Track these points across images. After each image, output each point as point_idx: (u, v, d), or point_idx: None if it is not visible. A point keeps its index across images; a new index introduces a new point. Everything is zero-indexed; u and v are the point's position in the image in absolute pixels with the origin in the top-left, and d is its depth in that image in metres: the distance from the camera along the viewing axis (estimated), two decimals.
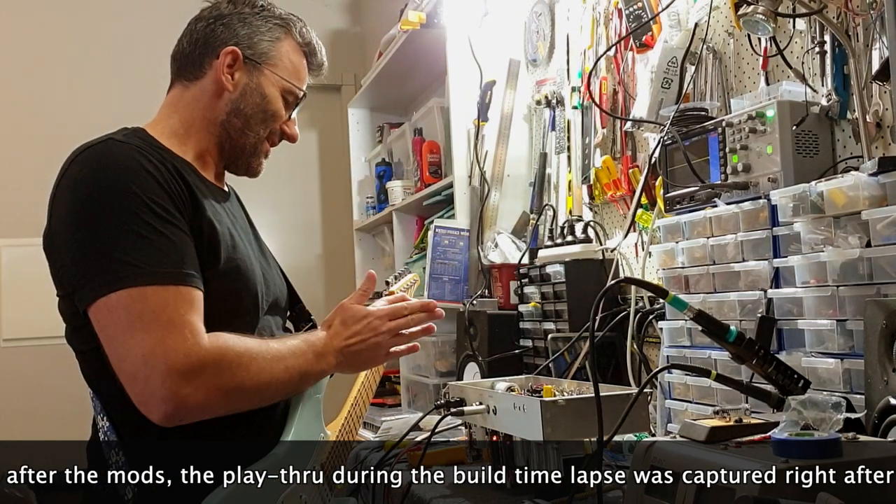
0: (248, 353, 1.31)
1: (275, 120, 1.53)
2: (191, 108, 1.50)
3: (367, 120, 4.43)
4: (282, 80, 1.52)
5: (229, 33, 1.50)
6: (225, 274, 1.37)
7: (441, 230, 3.04)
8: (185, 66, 1.52)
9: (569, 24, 2.75)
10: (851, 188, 1.42)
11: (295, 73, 1.54)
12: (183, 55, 1.53)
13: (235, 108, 1.50)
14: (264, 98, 1.51)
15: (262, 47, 1.51)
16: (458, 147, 3.07)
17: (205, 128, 1.50)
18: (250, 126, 1.51)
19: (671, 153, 1.96)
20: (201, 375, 1.24)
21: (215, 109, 1.50)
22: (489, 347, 2.55)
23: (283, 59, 1.53)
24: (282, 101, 1.53)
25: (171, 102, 1.53)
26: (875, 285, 1.40)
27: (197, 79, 1.50)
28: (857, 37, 1.63)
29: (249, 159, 1.54)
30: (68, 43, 4.56)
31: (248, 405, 1.34)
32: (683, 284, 1.85)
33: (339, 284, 4.74)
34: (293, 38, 1.55)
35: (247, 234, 1.53)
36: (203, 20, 1.53)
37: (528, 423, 1.55)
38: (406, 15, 3.27)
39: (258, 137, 1.53)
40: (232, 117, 1.50)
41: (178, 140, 1.48)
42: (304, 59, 1.57)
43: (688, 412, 1.80)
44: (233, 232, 1.44)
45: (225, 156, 1.53)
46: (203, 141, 1.50)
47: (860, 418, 1.29)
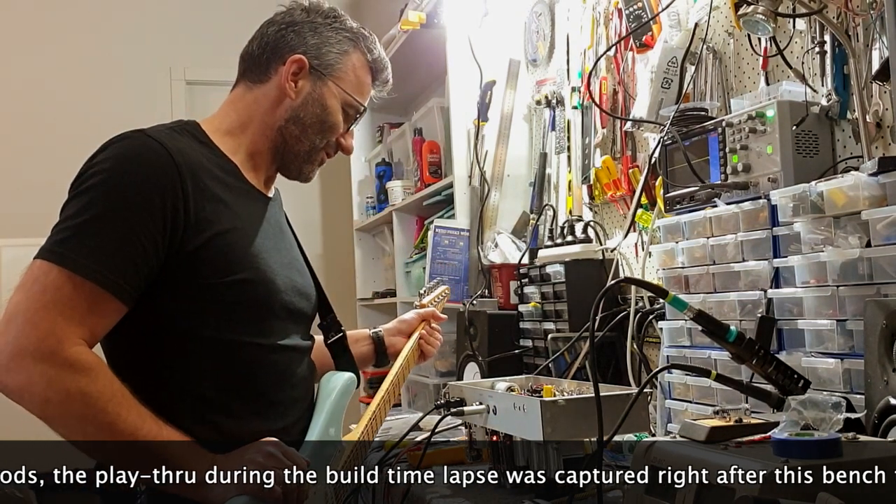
0: (106, 391, 1.24)
1: (332, 132, 1.53)
2: (250, 109, 1.51)
3: (367, 120, 4.42)
4: (344, 93, 1.52)
5: (299, 41, 1.50)
6: (232, 282, 1.36)
7: (441, 230, 3.04)
8: (251, 68, 1.53)
9: (569, 24, 2.75)
10: (851, 188, 1.42)
11: (358, 88, 1.55)
12: (251, 56, 1.53)
13: (295, 115, 1.50)
14: (325, 109, 1.51)
15: (329, 58, 1.51)
16: (458, 147, 3.07)
17: (261, 130, 1.50)
18: (307, 135, 1.51)
19: (671, 153, 1.96)
20: (38, 365, 1.20)
21: (274, 114, 1.50)
22: (489, 347, 2.55)
23: (349, 73, 1.53)
24: (342, 113, 1.53)
25: (232, 100, 1.53)
26: (875, 285, 1.40)
27: (262, 82, 1.51)
28: (857, 37, 1.63)
29: (302, 165, 1.54)
30: (69, 45, 4.56)
31: (67, 429, 1.24)
32: (683, 284, 1.85)
33: (339, 284, 4.73)
34: (362, 53, 1.55)
35: (279, 240, 1.51)
36: (275, 24, 1.53)
37: (528, 423, 1.55)
38: (406, 15, 3.27)
39: (314, 146, 1.53)
40: (290, 124, 1.50)
41: (232, 138, 1.49)
42: (369, 75, 1.57)
43: (688, 412, 1.80)
44: (255, 238, 1.42)
45: (278, 160, 1.53)
46: (258, 143, 1.50)
47: (860, 418, 1.29)
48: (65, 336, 1.23)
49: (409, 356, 1.77)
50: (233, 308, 1.37)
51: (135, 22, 4.55)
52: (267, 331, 1.42)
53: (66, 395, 1.21)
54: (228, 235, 1.37)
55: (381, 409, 1.59)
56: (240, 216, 1.40)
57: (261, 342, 1.41)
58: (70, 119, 4.31)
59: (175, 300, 1.34)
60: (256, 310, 1.40)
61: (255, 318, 1.40)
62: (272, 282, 1.42)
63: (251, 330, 1.39)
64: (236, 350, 1.38)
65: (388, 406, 1.64)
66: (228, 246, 1.36)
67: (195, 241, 1.33)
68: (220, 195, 1.38)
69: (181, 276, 1.33)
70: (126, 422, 1.24)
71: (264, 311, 1.41)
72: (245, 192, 1.46)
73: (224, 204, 1.38)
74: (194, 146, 1.42)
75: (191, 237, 1.33)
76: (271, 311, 1.42)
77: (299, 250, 1.62)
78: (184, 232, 1.32)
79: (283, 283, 1.45)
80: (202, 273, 1.34)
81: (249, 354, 1.39)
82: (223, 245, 1.36)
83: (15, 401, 1.22)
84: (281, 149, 1.52)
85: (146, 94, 4.38)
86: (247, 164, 1.49)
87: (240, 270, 1.37)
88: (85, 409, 1.22)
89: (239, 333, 1.37)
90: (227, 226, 1.37)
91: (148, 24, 4.43)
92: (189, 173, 1.34)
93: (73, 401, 1.22)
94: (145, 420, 1.25)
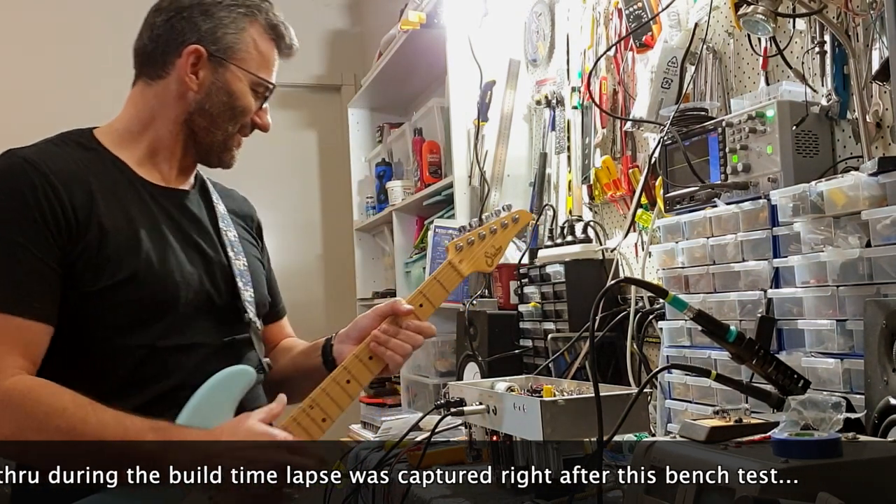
0: (51, 409, 1.23)
1: (244, 115, 1.47)
2: (151, 106, 1.46)
3: (367, 120, 4.43)
4: (249, 73, 1.46)
5: (191, 28, 1.43)
6: (117, 283, 1.33)
7: (441, 230, 3.04)
8: (146, 64, 1.47)
9: (569, 24, 2.74)
10: (851, 188, 1.42)
11: (264, 64, 1.48)
12: (144, 52, 1.47)
13: (200, 107, 1.44)
14: (231, 95, 1.45)
15: (226, 41, 1.44)
16: (458, 147, 3.07)
17: (165, 126, 1.46)
18: (217, 124, 1.46)
19: (671, 153, 1.96)
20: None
21: (178, 109, 1.45)
22: (489, 347, 2.55)
23: (251, 51, 1.46)
24: (251, 94, 1.47)
25: (132, 98, 1.49)
26: (875, 285, 1.40)
27: (160, 77, 1.45)
28: (857, 37, 1.62)
29: (220, 154, 1.49)
30: (69, 45, 4.55)
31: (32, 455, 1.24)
32: (683, 284, 1.85)
33: (339, 284, 4.74)
34: (259, 25, 1.47)
35: (185, 234, 1.45)
36: (163, 12, 1.46)
37: (528, 423, 1.55)
38: (406, 15, 3.27)
39: (227, 133, 1.47)
40: (196, 116, 1.45)
41: (129, 136, 1.45)
42: (272, 46, 1.49)
43: (688, 412, 1.80)
44: (146, 235, 1.38)
45: (193, 152, 1.49)
46: (162, 139, 1.46)
47: (860, 418, 1.29)
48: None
49: (352, 367, 1.46)
50: (124, 310, 1.34)
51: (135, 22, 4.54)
52: (168, 330, 1.37)
53: (17, 427, 1.23)
54: (110, 237, 1.34)
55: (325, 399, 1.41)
56: (125, 216, 1.37)
57: (157, 343, 1.36)
58: (69, 119, 4.29)
59: (69, 308, 1.32)
60: (147, 308, 1.35)
61: (152, 317, 1.36)
62: (162, 277, 1.37)
63: (150, 331, 1.35)
64: (137, 353, 1.35)
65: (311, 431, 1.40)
66: (110, 247, 1.33)
67: (78, 247, 1.32)
68: (97, 198, 1.35)
69: (70, 283, 1.32)
70: (87, 432, 1.23)
71: (155, 309, 1.36)
72: (133, 191, 1.41)
73: (105, 206, 1.35)
74: (75, 153, 1.39)
75: (76, 242, 1.31)
76: (164, 307, 1.37)
77: (241, 243, 1.54)
78: (67, 236, 1.31)
79: (180, 277, 1.39)
80: (87, 278, 1.32)
81: (148, 356, 1.36)
82: (105, 247, 1.33)
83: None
84: (192, 141, 1.47)
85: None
86: (146, 162, 1.45)
87: (124, 270, 1.33)
88: (39, 433, 1.22)
89: (137, 336, 1.34)
90: (107, 227, 1.34)
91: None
92: (60, 181, 1.32)
93: (26, 430, 1.23)
94: (106, 425, 1.24)
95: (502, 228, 1.58)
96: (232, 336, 1.48)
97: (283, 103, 4.91)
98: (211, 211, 1.54)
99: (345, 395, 1.43)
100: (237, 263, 1.50)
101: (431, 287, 1.55)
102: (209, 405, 1.36)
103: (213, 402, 1.37)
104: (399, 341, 1.48)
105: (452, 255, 1.58)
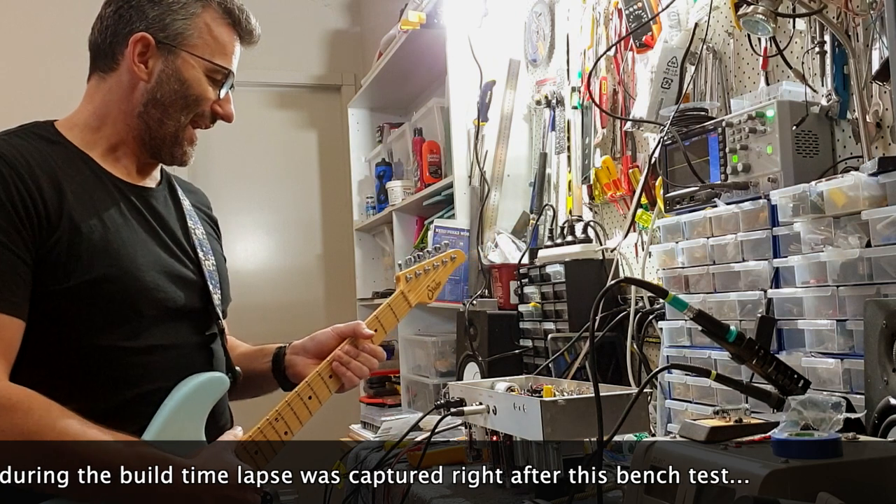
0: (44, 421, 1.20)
1: (198, 104, 1.43)
2: (106, 100, 1.43)
3: (367, 120, 4.42)
4: (203, 60, 1.41)
5: (138, 17, 1.39)
6: (84, 283, 1.30)
7: (441, 230, 3.04)
8: (98, 57, 1.44)
9: (569, 24, 2.75)
10: (851, 188, 1.42)
11: (220, 50, 1.43)
12: (95, 45, 1.44)
13: (152, 97, 1.40)
14: (183, 83, 1.40)
15: (175, 27, 1.40)
16: (458, 147, 3.07)
17: (122, 120, 1.42)
18: (169, 115, 1.41)
19: (671, 153, 1.96)
20: None
21: (131, 101, 1.41)
22: (489, 347, 2.55)
23: (203, 36, 1.41)
24: (207, 81, 1.42)
25: (89, 93, 1.46)
26: (875, 285, 1.40)
27: (112, 70, 1.42)
28: (857, 37, 1.62)
29: (172, 149, 1.44)
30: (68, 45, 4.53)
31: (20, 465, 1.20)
32: (683, 284, 1.85)
33: (339, 285, 4.74)
34: (213, 9, 1.43)
35: (152, 232, 1.42)
36: (112, 4, 1.42)
37: (528, 423, 1.55)
38: (406, 15, 3.27)
39: (178, 125, 1.42)
40: (150, 108, 1.40)
41: (90, 132, 1.42)
42: (229, 30, 1.44)
43: (688, 412, 1.80)
44: (113, 233, 1.35)
45: (146, 148, 1.44)
46: (120, 133, 1.42)
47: (860, 418, 1.29)
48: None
49: (314, 384, 1.49)
50: (91, 310, 1.31)
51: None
52: (134, 330, 1.34)
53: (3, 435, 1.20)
54: (82, 232, 1.31)
55: None
56: (95, 212, 1.34)
57: (127, 344, 1.34)
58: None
59: (41, 305, 1.29)
60: (118, 309, 1.33)
61: (118, 317, 1.33)
62: (134, 277, 1.34)
63: (115, 331, 1.32)
64: (109, 353, 1.33)
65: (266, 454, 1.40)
66: (82, 243, 1.31)
67: (49, 241, 1.29)
68: (66, 193, 1.32)
69: (41, 279, 1.29)
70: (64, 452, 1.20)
71: (126, 310, 1.33)
72: (102, 187, 1.39)
73: (76, 200, 1.32)
74: (40, 146, 1.36)
75: (47, 237, 1.29)
76: (135, 308, 1.34)
77: (208, 240, 1.52)
78: (38, 231, 1.28)
79: (151, 278, 1.36)
80: (58, 274, 1.29)
81: (118, 358, 1.33)
82: (76, 243, 1.30)
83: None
84: (145, 136, 1.42)
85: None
86: (109, 157, 1.42)
87: (91, 269, 1.30)
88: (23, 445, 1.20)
89: (102, 337, 1.31)
90: (78, 222, 1.31)
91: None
92: (29, 174, 1.30)
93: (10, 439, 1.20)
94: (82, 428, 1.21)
95: (442, 265, 1.72)
96: (204, 337, 1.46)
97: (282, 103, 4.92)
98: (179, 209, 1.51)
99: (306, 410, 1.46)
100: (206, 264, 1.48)
101: (385, 314, 1.61)
102: (182, 416, 1.36)
103: (187, 412, 1.37)
104: (358, 363, 1.54)
105: (403, 285, 1.67)
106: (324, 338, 1.57)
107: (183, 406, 1.37)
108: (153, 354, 1.37)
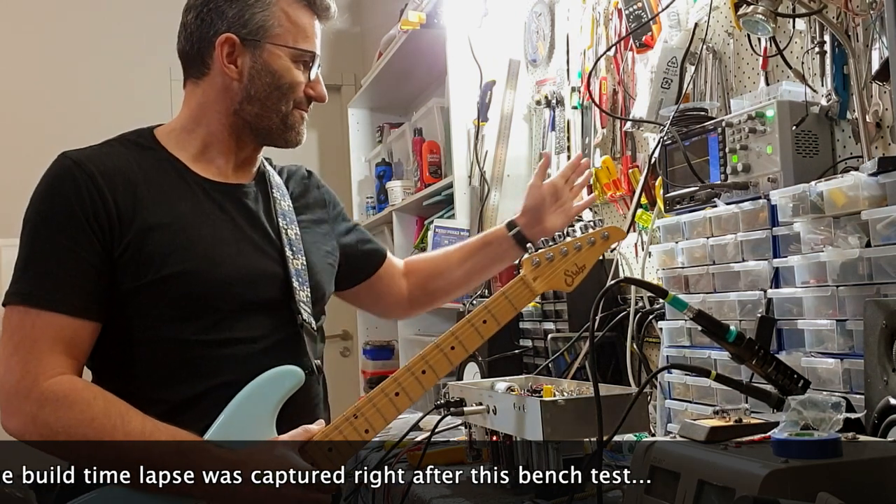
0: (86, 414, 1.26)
1: (293, 91, 1.45)
2: (201, 102, 1.46)
3: (367, 120, 4.43)
4: (287, 48, 1.43)
5: (219, 19, 1.42)
6: (168, 276, 1.33)
7: (441, 230, 3.04)
8: (189, 64, 1.47)
9: (569, 24, 2.75)
10: (851, 188, 1.42)
11: (301, 34, 1.45)
12: (185, 53, 1.47)
13: (247, 94, 1.43)
14: (274, 75, 1.43)
15: (256, 21, 1.42)
16: (458, 147, 3.07)
17: (216, 119, 1.45)
18: (268, 107, 1.44)
19: (671, 153, 1.96)
20: (24, 406, 1.26)
21: (226, 100, 1.44)
22: (489, 347, 2.55)
23: (284, 24, 1.43)
24: (295, 68, 1.44)
25: (185, 99, 1.50)
26: (875, 285, 1.40)
27: (204, 75, 1.45)
28: (857, 37, 1.62)
29: (285, 135, 1.47)
30: (68, 45, 4.55)
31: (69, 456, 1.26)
32: (683, 284, 1.85)
33: None
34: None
35: (238, 229, 1.43)
36: (193, 10, 1.46)
37: (528, 423, 1.55)
38: (406, 15, 3.27)
39: (282, 114, 1.45)
40: (246, 104, 1.43)
41: (184, 134, 1.46)
42: (307, 12, 1.46)
43: (688, 412, 1.80)
44: (195, 230, 1.38)
45: (250, 143, 1.48)
46: (214, 132, 1.45)
47: (860, 418, 1.29)
48: (39, 372, 1.27)
49: (433, 360, 1.45)
50: (164, 305, 1.34)
51: (134, 22, 4.55)
52: (210, 324, 1.36)
53: (51, 430, 1.25)
54: (155, 234, 1.34)
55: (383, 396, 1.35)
56: (169, 213, 1.37)
57: (201, 337, 1.36)
58: (70, 119, 4.30)
59: (118, 306, 1.34)
60: (192, 303, 1.35)
61: (192, 311, 1.35)
62: (209, 272, 1.36)
63: (190, 325, 1.35)
64: (185, 346, 1.35)
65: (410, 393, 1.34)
66: (154, 244, 1.34)
67: (123, 243, 1.33)
68: (143, 197, 1.36)
69: (118, 280, 1.33)
70: (120, 436, 1.25)
71: (201, 303, 1.36)
72: (185, 188, 1.41)
73: (152, 203, 1.36)
74: (129, 153, 1.40)
75: (119, 239, 1.33)
76: (211, 302, 1.36)
77: (304, 237, 1.51)
78: (110, 234, 1.33)
79: (228, 272, 1.38)
80: (130, 273, 1.33)
81: (191, 350, 1.35)
82: (148, 244, 1.34)
83: (23, 441, 1.27)
84: (248, 130, 1.45)
85: (146, 95, 4.37)
86: (200, 158, 1.45)
87: (165, 266, 1.34)
88: (71, 436, 1.25)
89: (175, 330, 1.34)
90: (152, 224, 1.35)
91: (147, 24, 4.42)
92: (105, 180, 1.34)
93: (60, 433, 1.25)
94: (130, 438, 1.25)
95: (589, 245, 1.48)
96: (283, 335, 1.44)
97: None
98: (269, 206, 1.50)
99: (392, 407, 1.37)
100: (294, 263, 1.46)
101: (499, 305, 1.44)
102: (248, 410, 1.35)
103: (253, 406, 1.36)
104: None
105: (527, 270, 1.47)
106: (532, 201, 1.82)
107: (248, 400, 1.35)
108: (228, 347, 1.38)
